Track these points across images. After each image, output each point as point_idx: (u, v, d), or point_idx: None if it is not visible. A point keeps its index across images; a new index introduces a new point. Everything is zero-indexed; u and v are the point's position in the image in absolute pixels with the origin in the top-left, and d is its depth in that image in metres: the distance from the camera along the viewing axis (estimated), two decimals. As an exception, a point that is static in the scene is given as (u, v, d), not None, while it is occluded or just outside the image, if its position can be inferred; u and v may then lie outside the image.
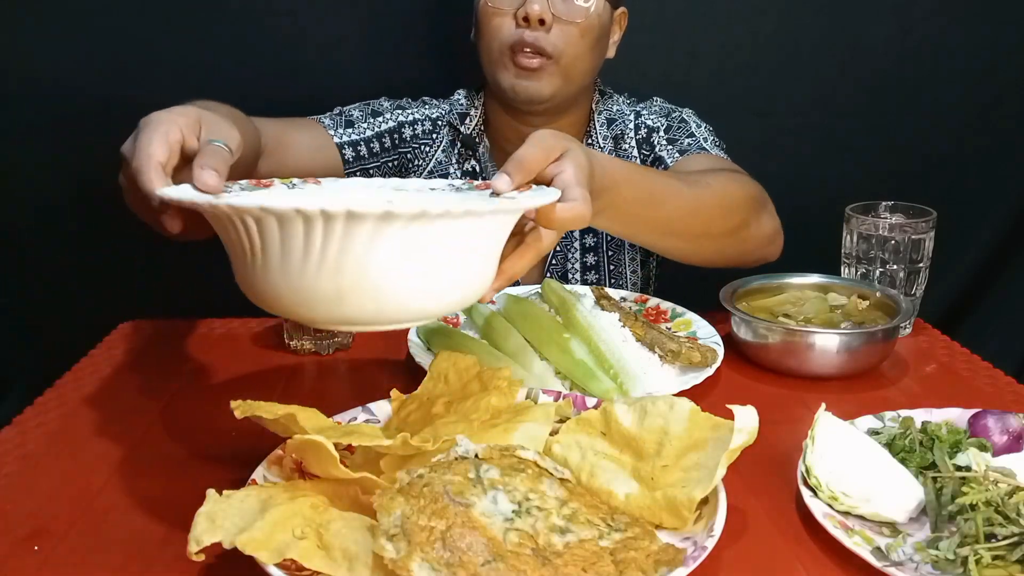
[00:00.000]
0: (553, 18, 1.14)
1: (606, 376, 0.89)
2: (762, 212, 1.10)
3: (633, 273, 1.33)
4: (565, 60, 1.17)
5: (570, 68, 1.18)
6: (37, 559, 0.66)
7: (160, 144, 0.71)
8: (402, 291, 0.64)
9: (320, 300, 0.64)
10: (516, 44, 1.16)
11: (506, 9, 1.16)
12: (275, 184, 0.80)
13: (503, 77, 1.19)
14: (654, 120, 1.29)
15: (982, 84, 1.64)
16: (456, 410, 0.73)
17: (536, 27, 1.14)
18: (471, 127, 1.30)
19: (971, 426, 0.79)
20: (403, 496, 0.59)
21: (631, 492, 0.67)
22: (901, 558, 0.65)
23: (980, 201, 1.68)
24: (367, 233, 0.61)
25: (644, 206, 0.94)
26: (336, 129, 1.26)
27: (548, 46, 1.15)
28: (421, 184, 0.83)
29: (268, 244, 0.63)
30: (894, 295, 1.04)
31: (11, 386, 1.52)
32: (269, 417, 0.67)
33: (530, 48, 1.15)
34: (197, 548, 0.56)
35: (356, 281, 0.63)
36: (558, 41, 1.16)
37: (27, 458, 0.81)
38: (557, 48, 1.16)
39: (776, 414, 0.83)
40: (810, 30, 1.59)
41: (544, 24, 1.14)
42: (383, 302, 0.64)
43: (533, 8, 1.13)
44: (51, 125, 1.47)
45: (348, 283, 0.63)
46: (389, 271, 0.63)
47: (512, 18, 1.16)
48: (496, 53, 1.18)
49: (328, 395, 0.92)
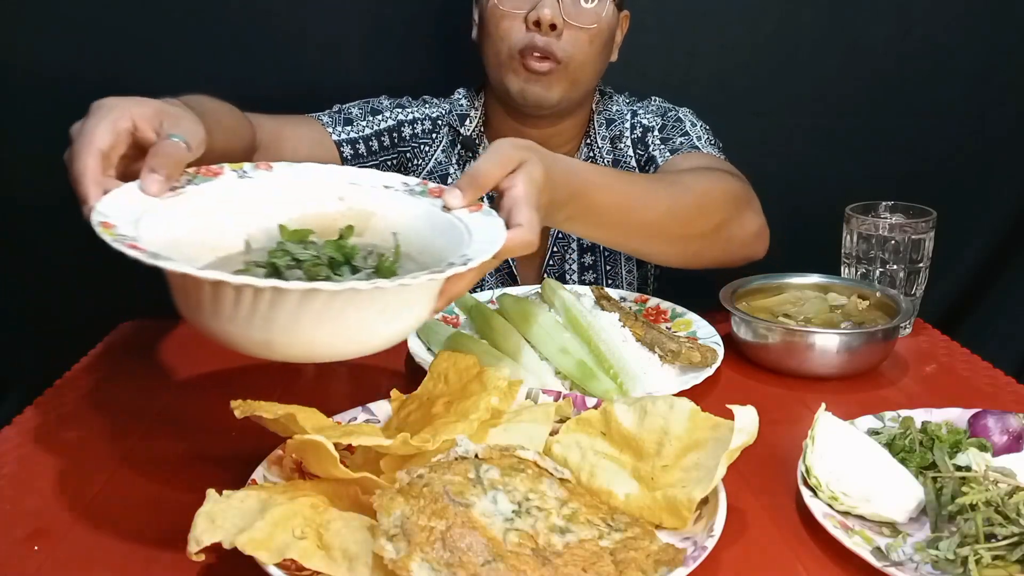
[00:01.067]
0: (564, 23, 1.14)
1: (606, 376, 0.89)
2: (745, 210, 1.08)
3: (629, 273, 1.33)
4: (574, 65, 1.16)
5: (578, 73, 1.18)
6: (37, 559, 0.66)
7: (105, 132, 0.70)
8: (329, 340, 0.67)
9: (251, 345, 0.67)
10: (526, 48, 1.15)
11: (516, 12, 1.15)
12: (225, 171, 0.80)
13: (511, 81, 1.18)
14: (649, 120, 1.28)
15: (982, 84, 1.64)
16: (456, 410, 0.73)
17: (547, 32, 1.13)
18: (471, 128, 1.29)
19: (971, 426, 0.79)
20: (403, 496, 0.59)
21: (631, 492, 0.67)
22: (901, 558, 0.65)
23: (980, 201, 1.68)
24: (292, 302, 0.63)
25: (619, 211, 0.92)
26: (335, 127, 1.26)
27: (559, 51, 1.14)
28: (376, 180, 0.83)
29: (201, 297, 0.65)
30: (894, 295, 1.04)
31: (11, 386, 1.52)
32: (269, 417, 0.67)
33: (540, 53, 1.14)
34: (197, 548, 0.56)
35: (283, 334, 0.65)
36: (568, 46, 1.15)
37: (27, 458, 0.81)
38: (567, 53, 1.15)
39: (776, 414, 0.83)
40: (810, 30, 1.59)
41: (555, 29, 1.13)
42: (313, 347, 0.68)
43: (545, 12, 1.12)
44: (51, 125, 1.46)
45: (276, 336, 0.66)
46: (314, 328, 0.65)
47: (522, 21, 1.14)
48: (504, 56, 1.17)
49: (328, 395, 0.92)
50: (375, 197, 0.82)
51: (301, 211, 0.81)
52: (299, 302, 0.63)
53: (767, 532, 0.69)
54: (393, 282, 0.63)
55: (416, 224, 0.79)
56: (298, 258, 0.73)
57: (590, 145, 1.29)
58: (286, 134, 1.19)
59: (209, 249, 0.76)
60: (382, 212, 0.81)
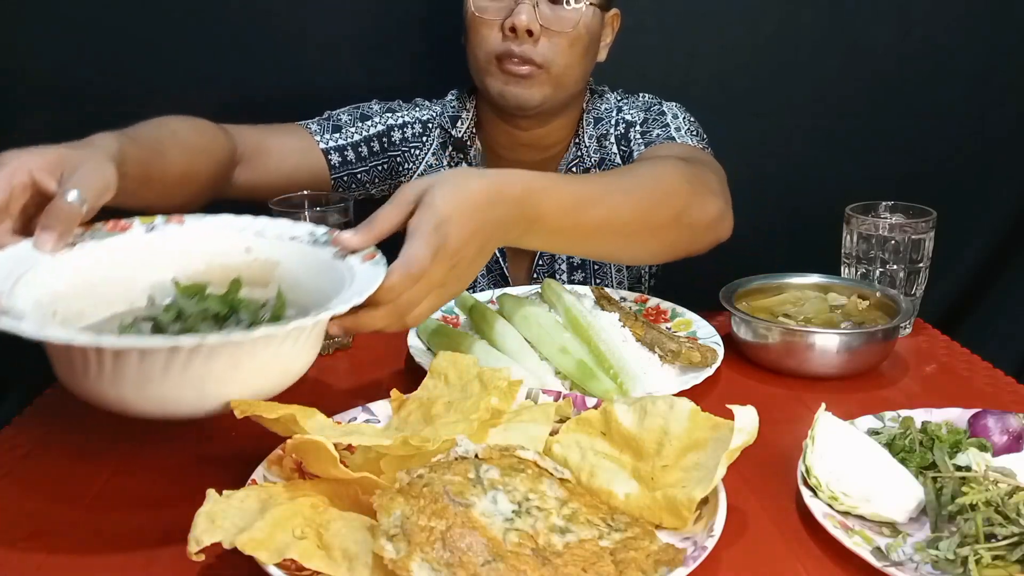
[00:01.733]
0: (541, 28, 1.13)
1: (606, 376, 0.89)
2: (704, 194, 1.02)
3: (619, 272, 1.33)
4: (556, 69, 1.16)
5: (561, 76, 1.17)
6: (37, 559, 0.66)
7: (0, 188, 0.71)
8: (178, 395, 0.68)
9: (107, 403, 0.69)
10: (503, 54, 1.14)
11: (493, 19, 1.14)
12: (134, 225, 0.82)
13: (491, 83, 1.18)
14: (634, 115, 1.27)
15: (982, 84, 1.64)
16: (456, 410, 0.73)
17: (524, 38, 1.13)
18: (463, 130, 1.28)
19: (971, 426, 0.79)
20: (403, 496, 0.59)
21: (631, 492, 0.67)
22: (901, 558, 0.65)
23: (980, 201, 1.68)
24: (160, 360, 0.65)
25: (572, 212, 0.88)
26: (323, 135, 1.25)
27: (537, 57, 1.14)
28: (282, 231, 0.85)
29: (56, 355, 0.69)
30: (894, 295, 1.04)
31: (11, 386, 1.52)
32: (269, 417, 0.67)
33: (518, 59, 1.14)
34: (197, 548, 0.56)
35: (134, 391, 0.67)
36: (547, 52, 1.14)
37: (27, 458, 0.81)
38: (546, 58, 1.14)
39: (776, 414, 0.83)
40: (810, 30, 1.59)
41: (532, 35, 1.12)
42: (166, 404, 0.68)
43: (520, 19, 1.11)
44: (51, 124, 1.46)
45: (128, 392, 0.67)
46: (161, 384, 0.66)
47: (499, 28, 1.14)
48: (483, 61, 1.17)
49: (328, 395, 0.92)
50: (280, 248, 0.84)
51: (207, 264, 0.83)
52: (139, 359, 0.65)
53: (767, 532, 0.69)
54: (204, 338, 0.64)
55: (311, 273, 0.81)
56: (184, 313, 0.76)
57: (578, 144, 1.28)
58: (270, 145, 1.19)
59: (106, 304, 0.79)
60: (286, 262, 0.83)
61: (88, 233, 0.79)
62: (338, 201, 1.04)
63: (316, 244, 0.82)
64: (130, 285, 0.80)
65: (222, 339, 0.64)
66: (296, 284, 0.81)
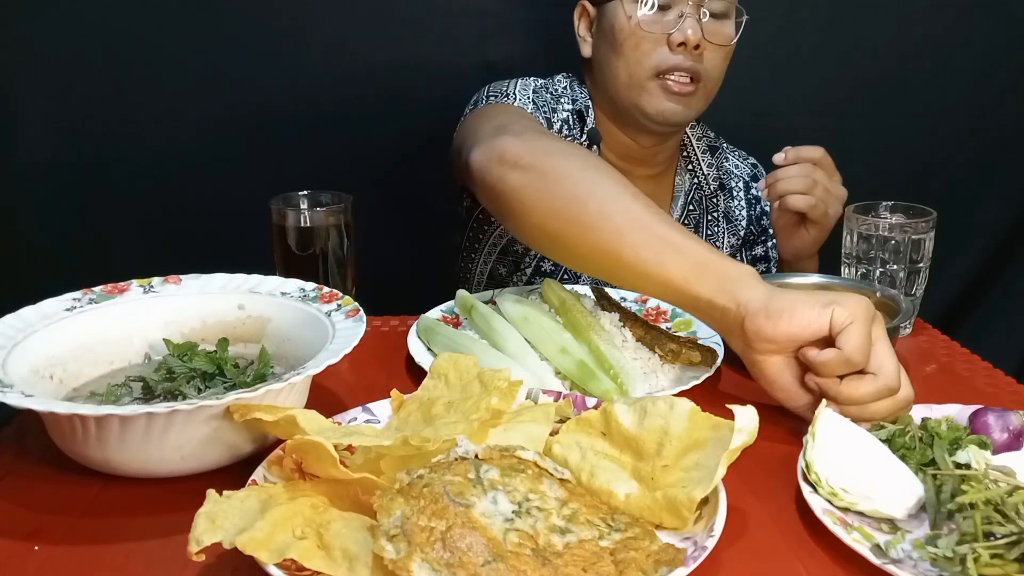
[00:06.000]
0: (704, 42, 1.14)
1: (606, 376, 0.89)
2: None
3: None
4: (710, 84, 1.18)
5: (711, 91, 1.20)
6: (37, 559, 0.66)
7: None
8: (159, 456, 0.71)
9: (93, 463, 0.73)
10: (669, 68, 1.15)
11: (658, 33, 1.15)
12: (132, 287, 0.87)
13: (647, 101, 1.17)
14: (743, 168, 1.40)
15: (982, 84, 1.64)
16: (456, 410, 0.73)
17: (691, 52, 1.14)
18: (591, 123, 1.27)
19: (971, 423, 0.78)
20: (403, 496, 0.59)
21: (631, 492, 0.67)
22: (900, 555, 0.65)
23: (980, 201, 1.68)
24: (140, 425, 0.68)
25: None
26: None
27: (700, 70, 1.15)
28: (273, 287, 0.89)
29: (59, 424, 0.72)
30: (894, 295, 1.04)
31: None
32: (269, 419, 0.67)
33: (684, 73, 1.15)
34: (197, 548, 0.56)
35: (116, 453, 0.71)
36: (708, 65, 1.16)
37: (27, 458, 0.81)
38: (706, 72, 1.16)
39: (776, 414, 0.83)
40: (810, 30, 1.59)
41: (698, 49, 1.14)
42: (148, 464, 0.71)
43: (689, 34, 1.12)
44: (51, 124, 1.47)
45: (112, 455, 0.71)
46: (160, 447, 0.70)
47: (663, 42, 1.14)
48: (643, 77, 1.17)
49: (328, 395, 0.92)
50: (271, 304, 0.88)
51: (202, 322, 0.88)
52: (120, 425, 0.68)
53: (767, 532, 0.69)
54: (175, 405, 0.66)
55: (300, 328, 0.85)
56: (174, 372, 0.79)
57: (686, 156, 1.33)
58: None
59: (106, 362, 0.84)
60: (277, 318, 0.87)
61: (87, 296, 0.85)
62: (338, 201, 1.04)
63: (305, 300, 0.87)
64: (127, 345, 0.85)
65: (194, 405, 0.67)
66: (286, 339, 0.86)
